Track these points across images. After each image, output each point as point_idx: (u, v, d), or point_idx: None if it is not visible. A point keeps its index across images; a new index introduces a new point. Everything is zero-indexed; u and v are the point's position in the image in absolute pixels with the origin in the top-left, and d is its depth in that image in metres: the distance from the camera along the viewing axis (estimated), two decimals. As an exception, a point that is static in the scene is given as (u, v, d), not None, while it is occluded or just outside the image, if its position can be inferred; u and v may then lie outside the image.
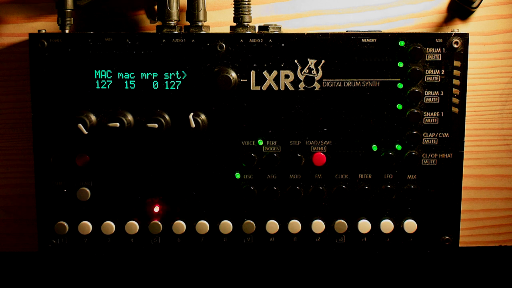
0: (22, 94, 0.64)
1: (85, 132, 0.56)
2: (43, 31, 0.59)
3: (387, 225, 0.61)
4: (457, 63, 0.59)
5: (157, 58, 0.59)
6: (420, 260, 0.77)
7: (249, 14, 0.60)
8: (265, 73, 0.59)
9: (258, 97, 0.59)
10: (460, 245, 0.64)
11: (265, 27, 0.60)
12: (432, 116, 0.60)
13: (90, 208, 0.61)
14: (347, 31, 0.59)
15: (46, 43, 0.58)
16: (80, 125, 0.56)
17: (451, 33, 0.59)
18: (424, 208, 0.61)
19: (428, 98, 0.60)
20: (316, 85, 0.59)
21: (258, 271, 0.75)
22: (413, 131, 0.60)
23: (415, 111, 0.59)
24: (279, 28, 0.60)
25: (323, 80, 0.59)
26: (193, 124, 0.58)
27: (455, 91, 0.59)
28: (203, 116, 0.59)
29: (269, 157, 0.60)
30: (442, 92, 0.59)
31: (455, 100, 0.60)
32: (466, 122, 0.60)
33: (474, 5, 0.63)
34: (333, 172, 0.61)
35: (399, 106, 0.60)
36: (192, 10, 0.59)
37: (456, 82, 0.59)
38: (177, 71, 0.59)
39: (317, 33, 0.59)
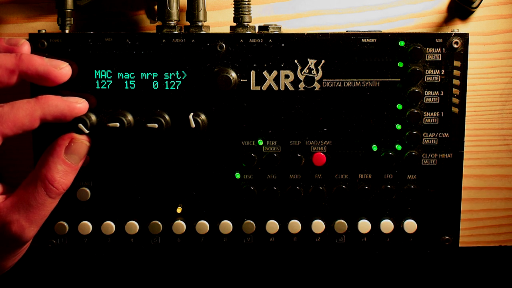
0: (22, 94, 0.64)
1: (86, 131, 0.56)
2: (43, 31, 0.59)
3: (387, 225, 0.61)
4: (457, 63, 0.59)
5: (157, 58, 0.59)
6: (420, 260, 0.77)
7: (249, 14, 0.60)
8: (265, 73, 0.59)
9: (258, 97, 0.59)
10: (460, 245, 0.64)
11: (265, 27, 0.60)
12: (432, 116, 0.60)
13: (90, 208, 0.61)
14: (347, 31, 0.59)
15: (46, 43, 0.58)
16: (81, 125, 0.56)
17: (451, 33, 0.59)
18: (424, 208, 0.61)
19: (428, 98, 0.60)
20: (316, 85, 0.59)
21: (258, 271, 0.75)
22: (413, 131, 0.60)
23: (415, 111, 0.59)
24: (279, 28, 0.60)
25: (323, 80, 0.59)
26: (193, 124, 0.58)
27: (455, 91, 0.60)
28: (203, 116, 0.59)
29: (269, 157, 0.60)
30: (442, 92, 0.60)
31: (455, 100, 0.60)
32: (466, 122, 0.60)
33: (474, 5, 0.63)
34: (333, 172, 0.61)
35: (399, 106, 0.60)
36: (192, 10, 0.59)
37: (456, 82, 0.59)
38: (177, 71, 0.59)
39: (317, 33, 0.59)
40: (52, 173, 0.53)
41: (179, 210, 0.61)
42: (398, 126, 0.60)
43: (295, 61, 0.59)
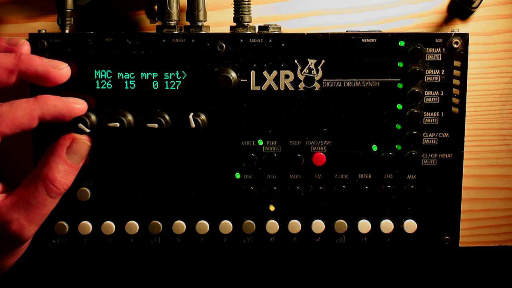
0: (22, 94, 0.64)
1: (87, 130, 0.56)
2: (43, 31, 0.59)
3: (387, 225, 0.61)
4: (457, 63, 0.59)
5: (157, 58, 0.59)
6: (420, 260, 0.77)
7: (249, 14, 0.60)
8: (265, 73, 0.59)
9: (258, 97, 0.59)
10: (460, 245, 0.64)
11: (265, 27, 0.60)
12: (432, 116, 0.60)
13: (90, 208, 0.61)
14: (347, 31, 0.59)
15: (46, 43, 0.58)
16: (81, 125, 0.56)
17: (451, 33, 0.59)
18: (424, 208, 0.61)
19: (428, 98, 0.60)
20: (316, 85, 0.59)
21: (258, 271, 0.75)
22: (413, 131, 0.60)
23: (415, 111, 0.59)
24: (279, 28, 0.60)
25: (323, 80, 0.59)
26: (193, 124, 0.58)
27: (455, 91, 0.60)
28: (203, 116, 0.59)
29: (269, 157, 0.60)
30: (442, 92, 0.60)
31: (455, 100, 0.60)
32: (466, 122, 0.60)
33: (474, 5, 0.63)
34: (333, 172, 0.61)
35: (399, 106, 0.60)
36: (192, 10, 0.59)
37: (456, 82, 0.59)
38: (177, 71, 0.59)
39: (317, 33, 0.59)
40: (53, 172, 0.54)
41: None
42: (398, 126, 0.60)
43: (295, 61, 0.59)
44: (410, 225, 0.61)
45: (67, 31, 0.60)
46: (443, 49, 0.59)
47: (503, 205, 0.68)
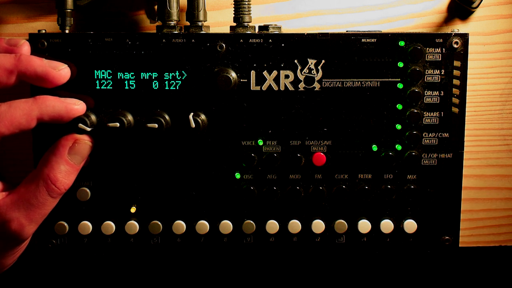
0: (22, 95, 0.64)
1: (88, 129, 0.56)
2: (43, 31, 0.59)
3: (387, 225, 0.61)
4: (457, 63, 0.59)
5: (157, 58, 0.59)
6: (420, 260, 0.77)
7: (249, 14, 0.60)
8: (265, 73, 0.59)
9: (258, 97, 0.59)
10: (460, 245, 0.64)
11: (265, 27, 0.60)
12: (432, 116, 0.60)
13: (90, 208, 0.61)
14: (347, 31, 0.59)
15: (46, 43, 0.58)
16: (81, 125, 0.56)
17: (451, 33, 0.59)
18: (424, 208, 0.61)
19: (428, 98, 0.60)
20: (316, 85, 0.59)
21: (258, 271, 0.75)
22: (413, 131, 0.60)
23: (415, 111, 0.59)
24: (279, 28, 0.60)
25: (323, 80, 0.59)
26: (193, 124, 0.58)
27: (455, 91, 0.60)
28: (203, 116, 0.59)
29: (269, 157, 0.60)
30: (442, 92, 0.60)
31: (455, 100, 0.60)
32: (466, 122, 0.60)
33: (474, 5, 0.63)
34: (333, 172, 0.61)
35: (399, 106, 0.60)
36: (192, 10, 0.59)
37: (456, 82, 0.59)
38: (177, 71, 0.59)
39: (317, 33, 0.59)
40: (54, 173, 0.54)
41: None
42: (398, 126, 0.60)
43: (295, 61, 0.59)
44: (410, 225, 0.61)
45: (67, 31, 0.60)
46: (443, 49, 0.59)
47: (503, 205, 0.68)
